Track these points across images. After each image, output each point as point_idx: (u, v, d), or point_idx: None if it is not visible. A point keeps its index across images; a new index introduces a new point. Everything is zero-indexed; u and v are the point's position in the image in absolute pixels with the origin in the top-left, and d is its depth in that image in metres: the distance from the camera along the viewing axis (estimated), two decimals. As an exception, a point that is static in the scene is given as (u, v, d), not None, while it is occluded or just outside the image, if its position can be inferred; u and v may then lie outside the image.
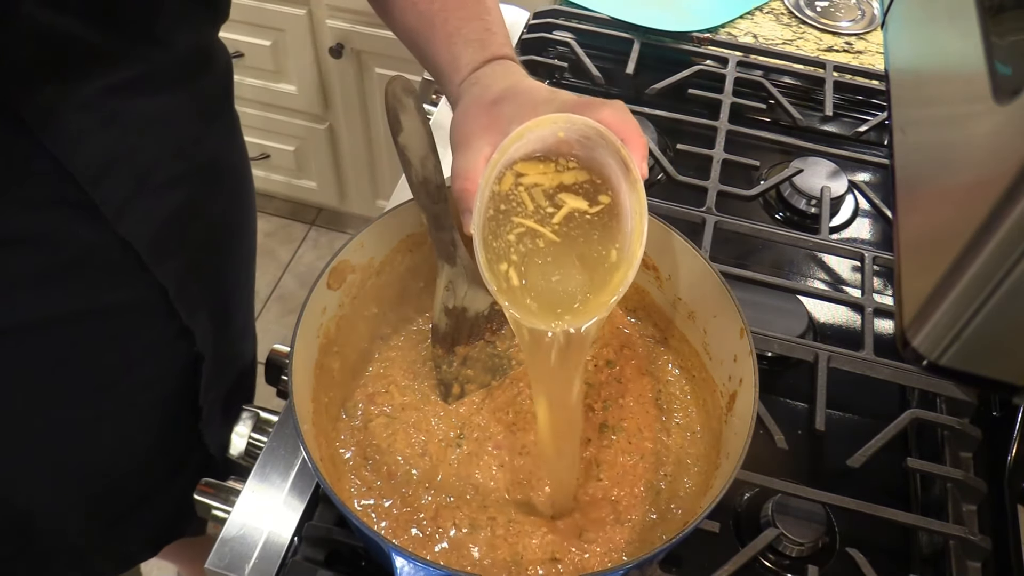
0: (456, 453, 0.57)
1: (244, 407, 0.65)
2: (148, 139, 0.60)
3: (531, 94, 0.50)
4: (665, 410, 0.60)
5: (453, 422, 0.59)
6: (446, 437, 0.58)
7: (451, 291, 0.58)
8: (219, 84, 0.69)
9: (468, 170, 0.49)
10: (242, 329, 0.83)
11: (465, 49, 0.56)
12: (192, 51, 0.62)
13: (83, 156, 0.55)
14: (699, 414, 0.60)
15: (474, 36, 0.56)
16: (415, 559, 0.44)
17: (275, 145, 1.84)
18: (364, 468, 0.56)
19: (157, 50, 0.57)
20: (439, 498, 0.55)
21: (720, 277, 0.56)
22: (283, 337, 1.48)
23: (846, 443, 0.63)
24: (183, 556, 1.19)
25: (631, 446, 0.58)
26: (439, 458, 0.57)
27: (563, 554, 0.53)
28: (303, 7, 1.54)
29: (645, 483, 0.56)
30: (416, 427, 0.58)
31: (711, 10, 1.02)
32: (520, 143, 0.48)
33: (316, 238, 2.06)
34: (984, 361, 0.36)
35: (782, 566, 0.59)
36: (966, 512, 0.60)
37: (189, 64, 0.62)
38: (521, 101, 0.50)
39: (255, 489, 0.59)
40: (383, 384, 0.60)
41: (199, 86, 0.64)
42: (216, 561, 0.56)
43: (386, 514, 0.54)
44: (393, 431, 0.58)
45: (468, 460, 0.57)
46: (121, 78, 0.55)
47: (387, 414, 0.59)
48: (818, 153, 0.85)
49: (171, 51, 0.58)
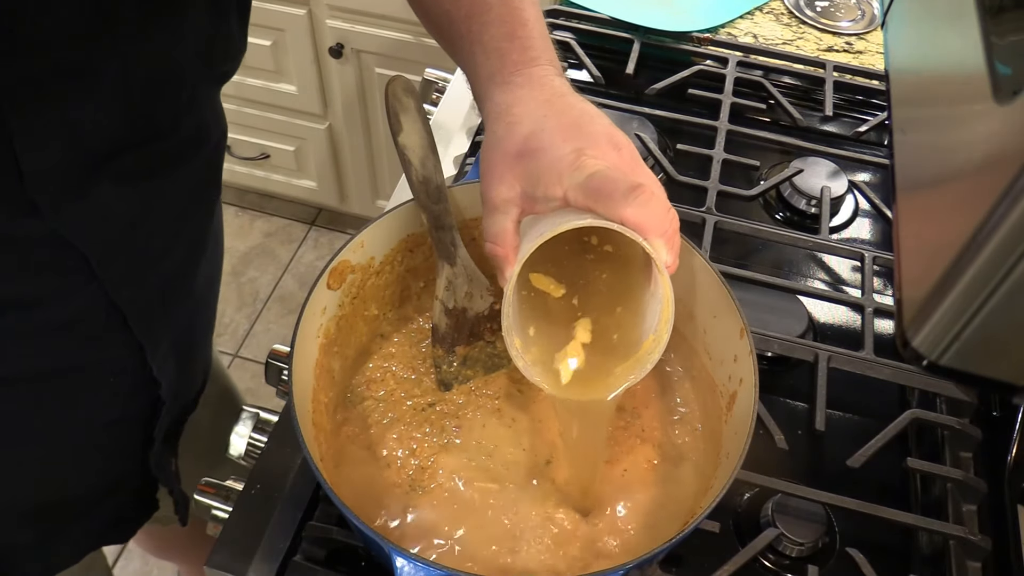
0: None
1: (244, 407, 0.65)
2: (151, 218, 0.58)
3: (556, 153, 0.47)
4: (668, 408, 0.60)
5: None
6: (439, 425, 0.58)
7: (451, 291, 0.58)
8: (217, 153, 0.67)
9: (498, 235, 0.50)
10: (202, 369, 0.82)
11: (486, 60, 0.53)
12: (196, 128, 0.60)
13: (95, 240, 0.54)
14: (699, 414, 0.60)
15: (493, 44, 0.53)
16: (415, 559, 0.44)
17: (275, 145, 1.84)
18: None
19: (168, 134, 0.56)
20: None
21: (720, 277, 0.56)
22: (283, 337, 1.48)
23: (846, 443, 0.63)
24: (184, 556, 1.19)
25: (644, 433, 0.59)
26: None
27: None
28: (303, 7, 1.54)
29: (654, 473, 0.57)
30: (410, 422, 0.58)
31: (711, 10, 1.02)
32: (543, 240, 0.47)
33: (316, 238, 2.06)
34: (984, 361, 0.36)
35: (782, 566, 0.59)
36: (966, 512, 0.60)
37: (192, 142, 0.60)
38: (545, 165, 0.47)
39: (255, 489, 0.59)
40: (380, 373, 0.61)
41: (198, 162, 0.62)
42: (216, 561, 0.56)
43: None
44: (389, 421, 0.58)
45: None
46: (131, 165, 0.54)
47: (381, 397, 0.59)
48: (818, 153, 0.85)
49: (178, 133, 0.57)
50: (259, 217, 2.09)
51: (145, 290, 0.61)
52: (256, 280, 1.97)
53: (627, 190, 0.44)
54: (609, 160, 0.47)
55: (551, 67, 0.52)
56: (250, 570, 0.55)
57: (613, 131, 0.49)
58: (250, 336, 1.87)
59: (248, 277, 1.98)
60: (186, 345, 0.73)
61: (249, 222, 2.08)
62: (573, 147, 0.47)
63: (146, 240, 0.59)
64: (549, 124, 0.48)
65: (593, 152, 0.47)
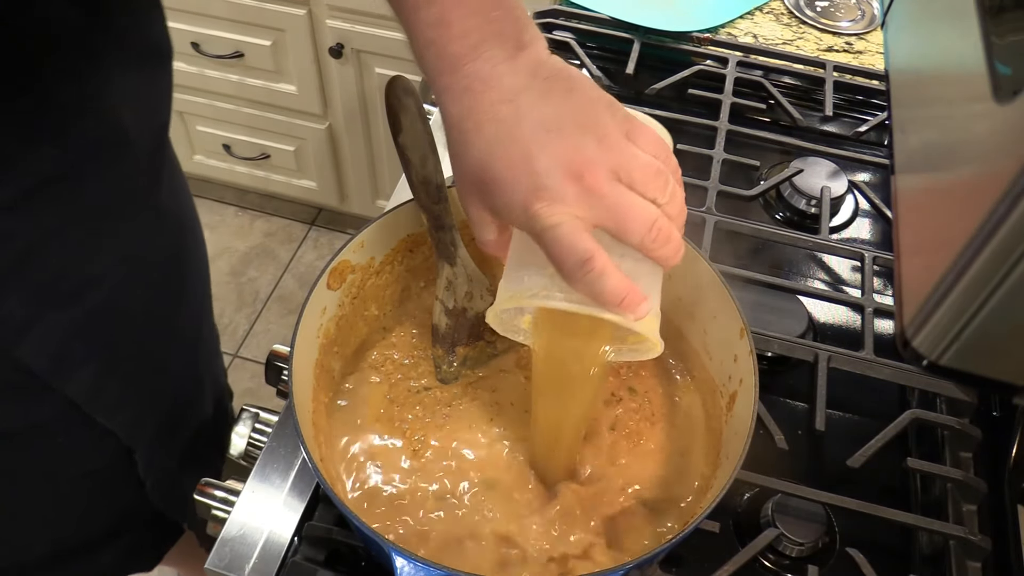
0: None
1: (244, 407, 0.65)
2: (52, 246, 0.50)
3: (507, 196, 0.42)
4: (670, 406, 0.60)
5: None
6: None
7: (451, 291, 0.58)
8: (147, 157, 0.56)
9: (485, 243, 0.49)
10: (190, 400, 0.74)
11: (424, 54, 0.46)
12: (101, 129, 0.50)
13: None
14: (699, 414, 0.60)
15: (427, 35, 0.45)
16: (415, 559, 0.44)
17: (275, 145, 1.84)
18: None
19: (54, 137, 0.47)
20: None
21: (720, 277, 0.56)
22: (283, 337, 1.48)
23: (846, 443, 0.63)
24: (184, 559, 1.19)
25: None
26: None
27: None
28: (303, 7, 1.54)
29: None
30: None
31: (711, 10, 1.02)
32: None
33: (316, 238, 2.06)
34: (984, 361, 0.36)
35: (782, 566, 0.59)
36: (966, 512, 0.60)
37: (95, 148, 0.50)
38: (501, 204, 0.43)
39: (255, 489, 0.59)
40: (381, 359, 0.61)
41: (117, 171, 0.52)
42: (216, 561, 0.56)
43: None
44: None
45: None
46: (15, 185, 0.46)
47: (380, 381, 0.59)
48: (818, 153, 0.85)
49: (77, 142, 0.47)
50: (259, 217, 2.09)
51: (51, 341, 0.53)
52: (256, 280, 1.97)
53: (575, 266, 0.41)
54: (566, 197, 0.42)
55: (499, 48, 0.44)
56: (250, 570, 0.55)
57: (578, 141, 0.42)
58: (250, 336, 1.87)
59: (248, 277, 1.98)
60: (143, 387, 0.64)
61: (249, 222, 2.08)
62: (525, 187, 0.42)
63: (51, 275, 0.51)
64: (498, 152, 0.43)
65: (546, 194, 0.42)
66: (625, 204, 0.42)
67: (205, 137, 1.88)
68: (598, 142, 0.42)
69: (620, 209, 0.42)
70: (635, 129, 0.45)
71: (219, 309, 1.89)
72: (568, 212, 0.41)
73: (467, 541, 0.52)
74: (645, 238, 0.42)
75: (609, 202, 0.42)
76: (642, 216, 0.42)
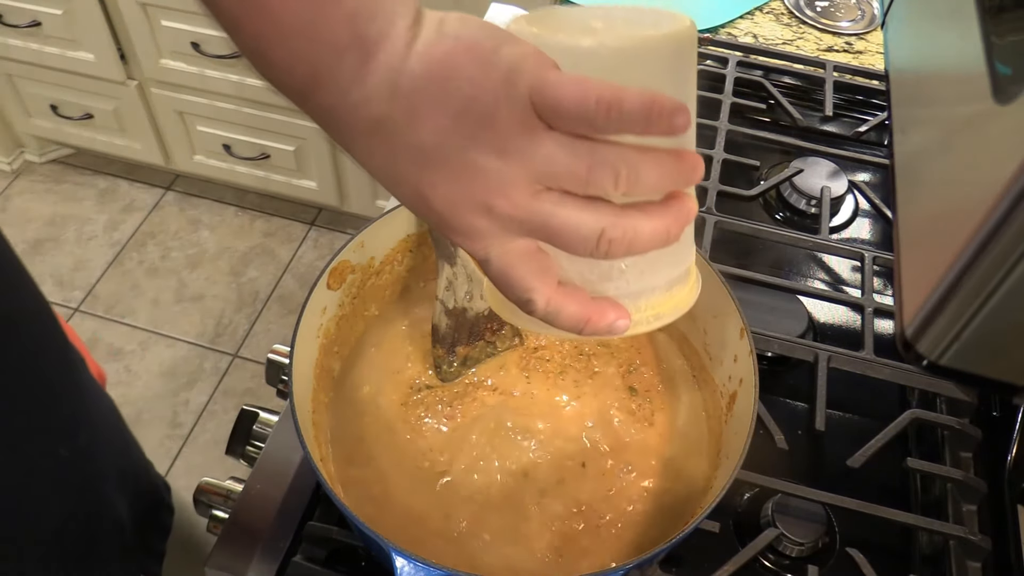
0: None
1: (244, 407, 0.65)
2: None
3: (438, 234, 0.37)
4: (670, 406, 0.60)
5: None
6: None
7: (451, 291, 0.58)
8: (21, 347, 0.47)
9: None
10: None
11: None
12: None
13: None
14: (699, 414, 0.60)
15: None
16: (415, 559, 0.44)
17: (275, 145, 1.84)
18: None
19: None
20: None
21: (720, 277, 0.56)
22: (283, 337, 1.48)
23: (846, 443, 0.63)
24: (184, 561, 1.19)
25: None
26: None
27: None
28: (303, 7, 1.54)
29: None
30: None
31: (711, 10, 1.02)
32: None
33: (316, 238, 2.06)
34: (984, 361, 0.36)
35: (782, 566, 0.59)
36: (966, 512, 0.60)
37: None
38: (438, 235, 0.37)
39: (255, 489, 0.59)
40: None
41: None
42: (216, 561, 0.56)
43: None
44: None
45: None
46: None
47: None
48: (818, 153, 0.85)
49: None
50: (259, 217, 2.09)
51: None
52: (256, 280, 1.97)
53: (520, 304, 0.36)
54: (482, 233, 0.35)
55: (338, 69, 0.34)
56: (250, 570, 0.55)
57: (470, 168, 0.34)
58: (250, 336, 1.87)
59: (248, 277, 1.98)
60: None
61: (249, 222, 2.08)
62: (440, 227, 0.36)
63: None
64: (399, 193, 0.36)
65: (458, 234, 0.36)
66: (555, 224, 0.34)
67: (205, 137, 1.88)
68: (498, 155, 0.33)
69: (550, 229, 0.34)
70: (546, 91, 0.32)
71: (219, 309, 1.90)
72: (492, 245, 0.35)
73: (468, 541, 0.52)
74: (595, 253, 0.34)
75: (537, 222, 0.34)
76: (579, 233, 0.34)
